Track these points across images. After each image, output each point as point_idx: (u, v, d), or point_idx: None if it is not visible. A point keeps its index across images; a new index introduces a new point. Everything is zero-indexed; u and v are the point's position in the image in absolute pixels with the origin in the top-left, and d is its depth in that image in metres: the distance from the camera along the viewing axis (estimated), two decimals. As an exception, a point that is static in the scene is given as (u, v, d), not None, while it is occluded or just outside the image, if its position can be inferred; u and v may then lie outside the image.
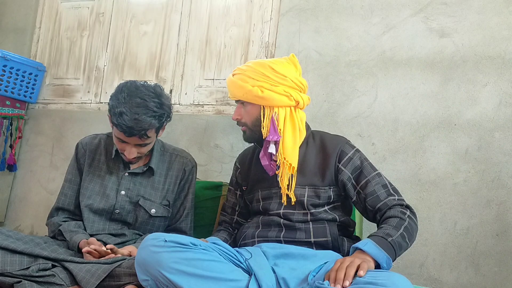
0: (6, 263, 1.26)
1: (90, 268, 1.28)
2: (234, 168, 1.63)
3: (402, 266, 1.76)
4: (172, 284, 1.11)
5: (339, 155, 1.40)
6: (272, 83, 1.41)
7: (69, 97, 2.60)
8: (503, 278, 1.63)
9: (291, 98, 1.42)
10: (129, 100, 1.45)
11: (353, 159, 1.39)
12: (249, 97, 1.42)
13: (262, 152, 1.44)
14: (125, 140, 1.50)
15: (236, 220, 1.57)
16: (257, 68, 1.43)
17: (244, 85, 1.42)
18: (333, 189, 1.40)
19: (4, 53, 2.41)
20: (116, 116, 1.44)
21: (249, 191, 1.53)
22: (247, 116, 1.45)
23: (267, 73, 1.41)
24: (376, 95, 1.90)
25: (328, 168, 1.40)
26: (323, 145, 1.44)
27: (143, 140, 1.50)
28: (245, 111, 1.45)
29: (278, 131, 1.39)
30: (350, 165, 1.39)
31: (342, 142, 1.43)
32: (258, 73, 1.42)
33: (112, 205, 1.61)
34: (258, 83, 1.41)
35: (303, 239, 1.34)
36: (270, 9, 2.19)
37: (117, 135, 1.51)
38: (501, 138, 1.71)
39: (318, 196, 1.38)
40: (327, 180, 1.39)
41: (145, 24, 2.46)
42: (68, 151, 2.46)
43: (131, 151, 1.52)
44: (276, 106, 1.41)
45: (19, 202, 2.56)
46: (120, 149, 1.56)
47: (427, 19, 1.87)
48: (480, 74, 1.77)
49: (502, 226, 1.66)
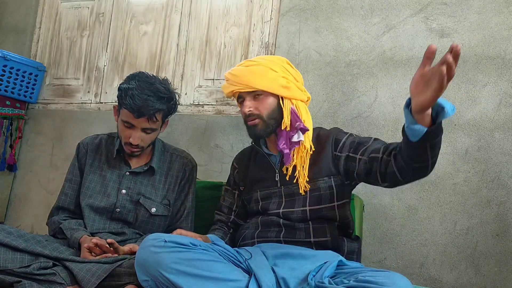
0: (7, 260, 1.27)
1: (90, 267, 1.28)
2: (231, 168, 1.64)
3: (402, 266, 1.76)
4: (172, 285, 1.11)
5: (334, 143, 1.41)
6: (292, 76, 1.45)
7: (69, 97, 2.61)
8: (503, 278, 1.63)
9: (305, 95, 1.47)
10: (139, 85, 1.52)
11: (346, 141, 1.39)
12: (273, 86, 1.41)
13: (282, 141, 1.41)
14: (133, 122, 1.53)
15: (232, 220, 1.57)
16: (276, 61, 1.45)
17: (267, 75, 1.41)
18: (333, 178, 1.38)
19: (4, 53, 2.41)
20: (127, 97, 1.50)
21: (247, 192, 1.53)
22: (263, 108, 1.42)
23: (287, 67, 1.46)
24: (376, 95, 1.90)
25: (325, 158, 1.39)
26: (318, 139, 1.45)
27: (150, 123, 1.54)
28: (260, 102, 1.42)
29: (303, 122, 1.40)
30: (345, 147, 1.38)
31: (335, 131, 1.45)
32: (279, 65, 1.44)
33: (113, 204, 1.62)
34: (282, 74, 1.43)
35: (303, 239, 1.34)
36: (270, 9, 2.19)
37: (125, 119, 1.54)
38: (501, 138, 1.71)
39: (318, 188, 1.38)
40: (324, 171, 1.39)
41: (145, 24, 2.46)
42: (68, 151, 2.46)
43: (136, 136, 1.55)
44: (295, 98, 1.44)
45: (19, 202, 2.56)
46: (126, 136, 1.57)
47: (427, 19, 1.87)
48: (480, 74, 1.77)
49: (502, 226, 1.66)
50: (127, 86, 1.53)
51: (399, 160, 1.18)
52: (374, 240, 1.82)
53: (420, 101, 1.01)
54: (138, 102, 1.48)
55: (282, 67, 1.44)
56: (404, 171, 1.18)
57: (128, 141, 1.56)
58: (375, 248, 1.82)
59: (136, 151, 1.60)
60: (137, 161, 1.69)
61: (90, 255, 1.39)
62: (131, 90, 1.50)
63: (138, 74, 1.58)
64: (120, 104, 1.55)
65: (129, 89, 1.51)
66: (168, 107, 1.58)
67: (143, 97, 1.49)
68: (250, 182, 1.52)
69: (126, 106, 1.51)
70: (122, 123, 1.56)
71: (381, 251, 1.81)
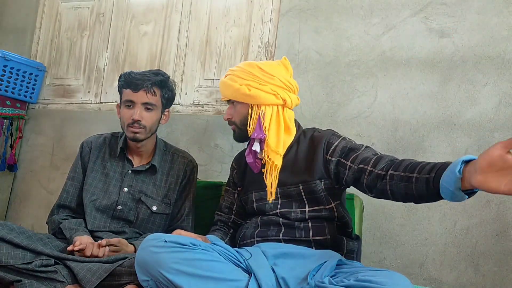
0: (10, 256, 1.28)
1: (91, 267, 1.29)
2: (231, 169, 1.65)
3: (402, 266, 1.76)
4: (172, 285, 1.11)
5: (326, 146, 1.40)
6: (260, 81, 1.45)
7: (69, 97, 2.61)
8: (502, 278, 1.64)
9: (278, 97, 1.44)
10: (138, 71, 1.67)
11: (338, 145, 1.38)
12: (238, 96, 1.46)
13: (247, 150, 1.47)
14: (132, 98, 1.60)
15: (233, 220, 1.58)
16: (245, 68, 1.48)
17: (233, 84, 1.46)
18: (324, 182, 1.38)
19: (4, 53, 2.41)
20: (125, 77, 1.62)
21: (244, 192, 1.54)
22: (237, 115, 1.49)
23: (255, 72, 1.45)
24: (376, 95, 1.91)
25: (317, 161, 1.39)
26: (312, 140, 1.45)
27: (149, 97, 1.60)
28: (235, 110, 1.49)
29: (263, 130, 1.42)
30: (337, 152, 1.37)
31: (328, 134, 1.43)
32: (246, 72, 1.46)
33: (115, 202, 1.63)
34: (246, 82, 1.45)
35: (302, 237, 1.34)
36: (270, 9, 2.19)
37: (125, 98, 1.62)
38: (500, 138, 1.71)
39: (311, 191, 1.38)
40: (316, 174, 1.38)
41: (145, 24, 2.47)
42: (68, 151, 2.46)
43: (137, 113, 1.59)
44: (263, 104, 1.44)
45: (19, 202, 2.56)
46: (128, 116, 1.61)
47: (426, 19, 1.87)
48: (480, 74, 1.77)
49: (502, 226, 1.66)
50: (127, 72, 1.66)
51: (398, 185, 1.14)
52: (374, 239, 1.82)
53: (489, 185, 0.88)
54: (136, 76, 1.60)
55: (249, 73, 1.45)
56: (399, 196, 1.16)
57: (130, 120, 1.60)
58: (375, 247, 1.82)
59: (138, 131, 1.61)
60: (139, 160, 1.72)
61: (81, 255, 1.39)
62: (129, 72, 1.64)
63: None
64: (120, 88, 1.65)
65: (127, 72, 1.64)
66: (166, 86, 1.66)
67: (140, 73, 1.63)
68: (247, 183, 1.54)
69: (125, 86, 1.62)
70: (123, 106, 1.64)
71: (381, 251, 1.81)
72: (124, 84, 1.62)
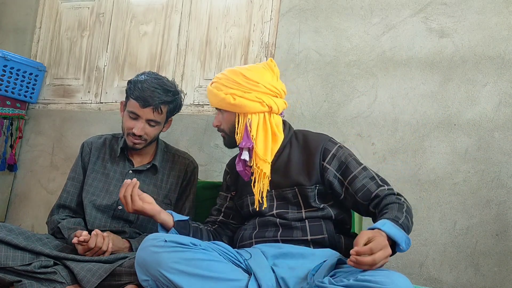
0: (9, 258, 1.27)
1: (91, 267, 1.29)
2: (224, 173, 1.65)
3: (402, 266, 1.76)
4: (172, 284, 1.11)
5: (323, 153, 1.40)
6: (244, 90, 1.43)
7: (69, 97, 2.61)
8: (502, 278, 1.64)
9: (264, 104, 1.42)
10: (148, 78, 1.61)
11: (336, 155, 1.39)
12: (223, 105, 1.45)
13: (237, 158, 1.46)
14: (138, 113, 1.58)
15: (220, 220, 1.57)
16: (230, 76, 1.45)
17: (218, 93, 1.45)
18: (318, 187, 1.39)
19: (4, 53, 2.41)
20: (135, 88, 1.58)
21: (239, 197, 1.53)
22: (225, 123, 1.48)
23: (239, 81, 1.43)
24: (376, 95, 1.91)
25: (314, 167, 1.39)
26: (306, 143, 1.45)
27: (155, 115, 1.59)
28: (223, 118, 1.48)
29: (251, 138, 1.41)
30: (334, 162, 1.38)
31: (325, 140, 1.43)
32: (231, 80, 1.44)
33: (115, 201, 1.64)
34: (231, 91, 1.43)
35: (300, 237, 1.34)
36: (270, 9, 2.19)
37: (131, 109, 1.60)
38: (500, 138, 1.71)
39: (306, 196, 1.38)
40: (313, 179, 1.39)
41: (145, 24, 2.47)
42: (68, 151, 2.46)
43: (140, 127, 1.59)
44: (249, 112, 1.43)
45: (19, 202, 2.56)
46: (129, 127, 1.60)
47: (427, 19, 1.87)
48: (480, 74, 1.77)
49: (502, 226, 1.66)
50: (137, 79, 1.62)
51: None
52: (374, 240, 1.82)
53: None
54: (146, 93, 1.56)
55: (234, 82, 1.44)
56: None
57: (131, 131, 1.59)
58: (375, 248, 1.82)
59: (138, 142, 1.62)
60: (140, 160, 1.72)
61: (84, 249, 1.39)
62: (140, 82, 1.59)
63: (147, 72, 1.67)
64: (128, 95, 1.62)
65: (138, 81, 1.59)
66: (173, 102, 1.64)
67: (151, 88, 1.57)
68: (240, 187, 1.53)
69: (133, 97, 1.58)
70: (127, 114, 1.62)
71: (381, 251, 1.81)
72: (132, 94, 1.59)
